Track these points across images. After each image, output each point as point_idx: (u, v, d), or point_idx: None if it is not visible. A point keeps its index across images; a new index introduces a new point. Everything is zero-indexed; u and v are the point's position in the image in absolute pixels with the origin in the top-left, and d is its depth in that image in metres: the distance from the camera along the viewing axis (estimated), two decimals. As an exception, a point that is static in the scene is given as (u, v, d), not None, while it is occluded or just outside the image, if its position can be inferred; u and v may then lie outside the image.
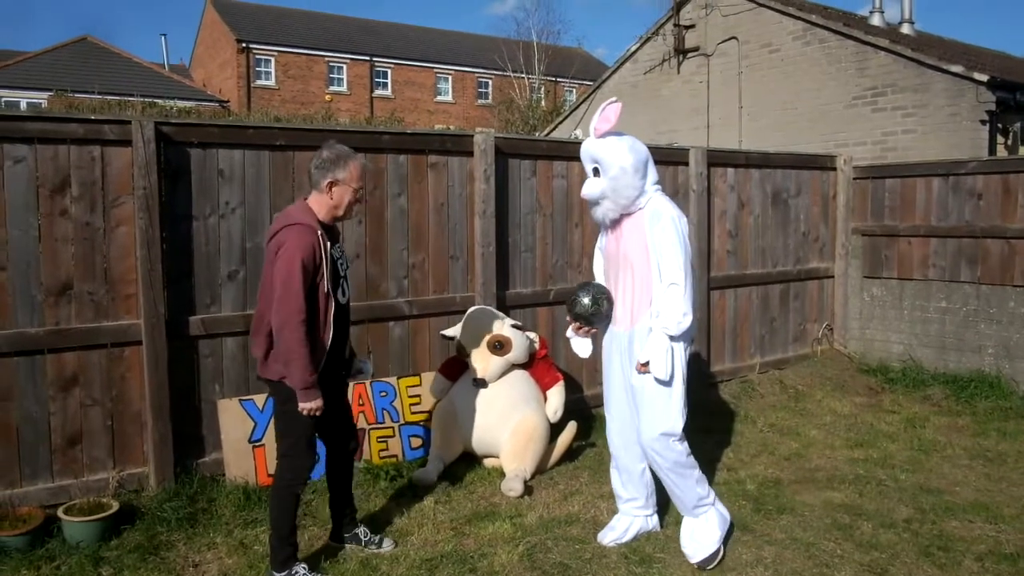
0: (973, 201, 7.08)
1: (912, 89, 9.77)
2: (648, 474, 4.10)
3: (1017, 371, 6.80)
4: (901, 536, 4.16)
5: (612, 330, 4.03)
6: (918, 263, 7.46)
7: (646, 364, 3.72)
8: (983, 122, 9.14)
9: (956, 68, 9.37)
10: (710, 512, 3.95)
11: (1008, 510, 4.50)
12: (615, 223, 3.92)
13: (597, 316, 3.96)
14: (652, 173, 3.89)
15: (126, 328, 4.42)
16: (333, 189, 3.51)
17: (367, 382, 5.11)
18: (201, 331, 4.63)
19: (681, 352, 3.80)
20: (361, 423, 5.03)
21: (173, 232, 4.53)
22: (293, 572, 3.56)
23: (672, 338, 3.71)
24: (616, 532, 4.10)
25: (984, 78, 9.08)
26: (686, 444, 3.90)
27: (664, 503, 4.21)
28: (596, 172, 3.84)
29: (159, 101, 21.56)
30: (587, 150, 3.87)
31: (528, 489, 4.71)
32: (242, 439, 4.65)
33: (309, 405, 3.42)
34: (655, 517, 4.21)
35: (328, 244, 3.49)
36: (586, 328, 4.05)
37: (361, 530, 3.99)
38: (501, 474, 4.84)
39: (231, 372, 4.76)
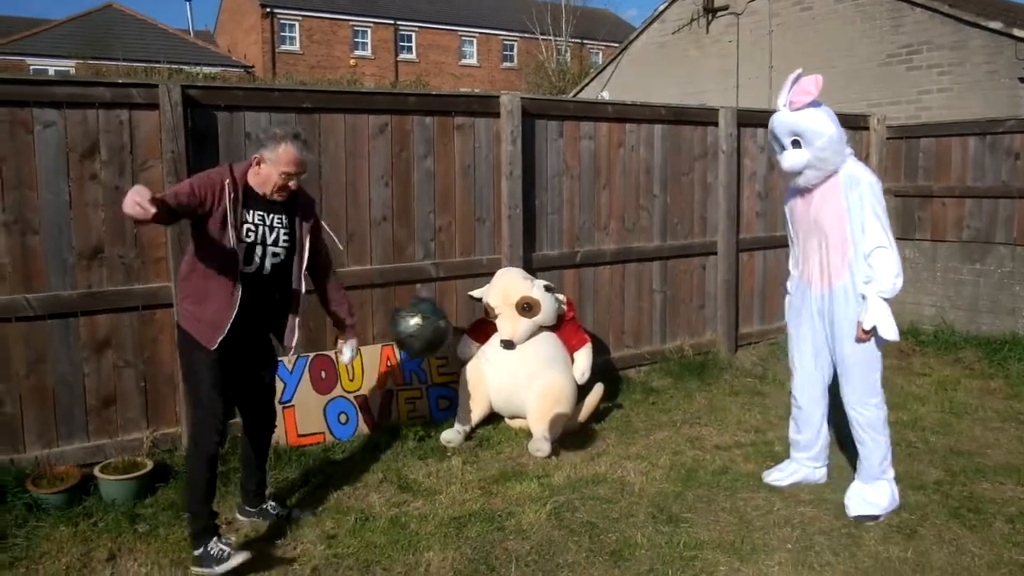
0: (1010, 161, 6.92)
1: (948, 46, 9.51)
2: (826, 428, 4.26)
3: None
4: (931, 498, 4.14)
5: (806, 290, 4.07)
6: (952, 224, 7.33)
7: (870, 331, 3.73)
8: (1022, 80, 8.89)
9: (995, 24, 9.10)
10: (885, 485, 3.98)
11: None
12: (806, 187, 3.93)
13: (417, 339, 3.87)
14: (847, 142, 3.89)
15: (156, 291, 4.47)
16: (260, 165, 3.44)
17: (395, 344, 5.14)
18: (231, 293, 4.67)
19: None
20: (389, 385, 5.08)
21: (201, 195, 4.55)
22: (208, 548, 3.34)
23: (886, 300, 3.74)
24: (781, 473, 4.33)
25: (1023, 34, 8.82)
26: (885, 407, 3.98)
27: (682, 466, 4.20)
28: (796, 144, 3.81)
29: (185, 67, 21.60)
30: (785, 123, 3.83)
31: (555, 450, 4.74)
32: (272, 400, 4.70)
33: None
34: (823, 470, 4.33)
35: (237, 198, 3.38)
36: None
37: (269, 504, 3.91)
38: (528, 435, 4.87)
39: (261, 334, 4.80)
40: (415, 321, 3.91)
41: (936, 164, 7.45)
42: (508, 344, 4.91)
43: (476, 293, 5.16)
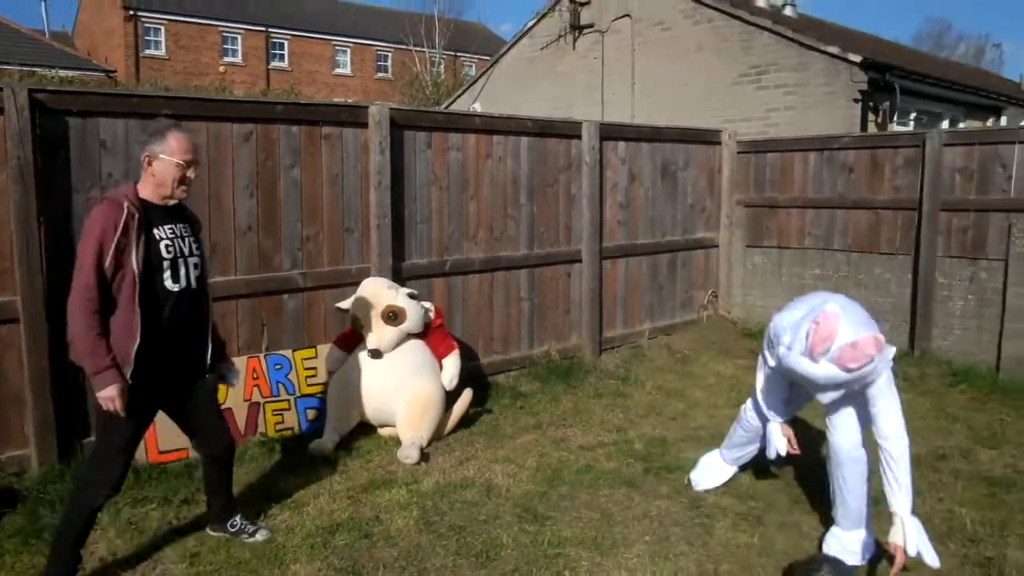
0: (845, 174, 7.52)
1: (792, 68, 10.21)
2: None
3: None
4: (776, 487, 4.45)
5: None
6: (796, 233, 7.88)
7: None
8: (856, 100, 9.66)
9: (832, 49, 9.85)
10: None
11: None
12: None
13: None
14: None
15: (2, 305, 4.24)
16: (153, 164, 3.22)
17: (261, 356, 5.08)
18: (84, 307, 4.48)
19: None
20: (256, 397, 5.00)
21: (52, 205, 4.36)
22: None
23: None
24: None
25: (858, 59, 9.59)
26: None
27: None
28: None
29: (38, 70, 20.33)
30: (838, 380, 3.36)
31: (424, 456, 4.80)
32: (131, 416, 4.55)
33: (103, 394, 3.06)
34: None
35: (142, 222, 3.15)
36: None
37: (234, 519, 3.79)
38: (398, 443, 4.90)
39: (118, 348, 4.63)
40: None
41: (781, 177, 7.99)
42: (375, 353, 4.94)
43: (342, 304, 5.16)
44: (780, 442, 4.01)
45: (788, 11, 13.19)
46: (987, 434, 5.32)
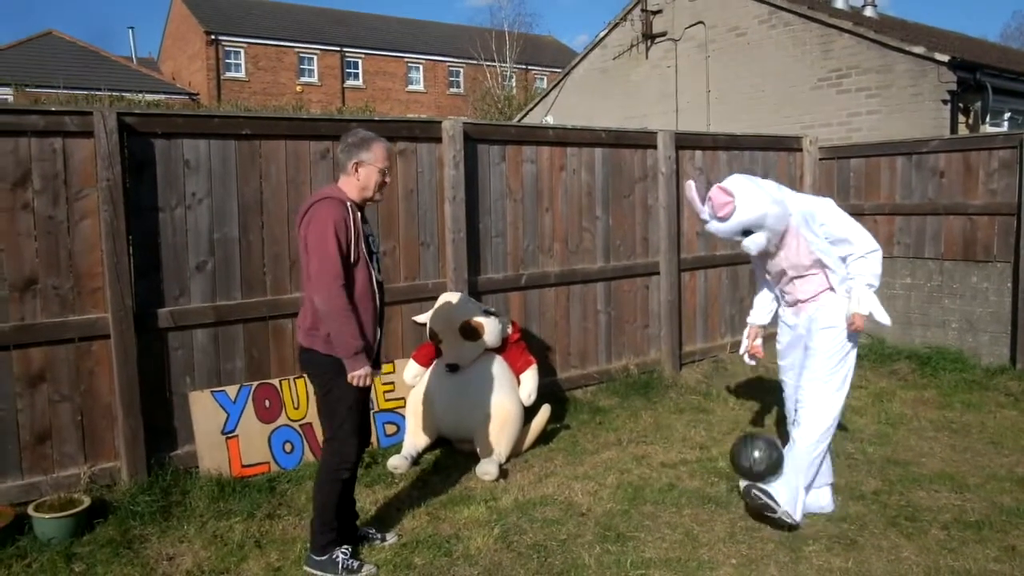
0: (936, 179, 7.20)
1: (875, 70, 9.86)
2: None
3: (980, 344, 6.94)
4: (869, 507, 4.24)
5: (790, 321, 4.33)
6: (883, 241, 7.52)
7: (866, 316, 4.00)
8: (944, 102, 9.25)
9: (918, 49, 9.47)
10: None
11: (972, 479, 4.60)
12: None
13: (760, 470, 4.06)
14: (777, 187, 4.05)
15: (93, 322, 4.37)
16: (359, 170, 3.56)
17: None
18: (170, 323, 4.60)
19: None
20: (335, 412, 5.03)
21: (139, 224, 4.49)
22: (334, 556, 3.59)
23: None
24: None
25: (945, 58, 9.19)
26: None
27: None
28: (747, 233, 3.97)
29: (127, 95, 21.24)
30: (727, 230, 4.00)
31: (503, 472, 4.74)
32: (215, 431, 4.63)
33: (358, 372, 3.44)
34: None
35: (360, 218, 3.53)
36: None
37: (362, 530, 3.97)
38: (476, 458, 4.87)
39: (202, 364, 4.73)
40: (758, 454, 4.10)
41: (866, 183, 7.70)
42: (453, 368, 4.92)
43: (420, 318, 5.16)
44: (745, 342, 4.64)
45: (869, 11, 12.79)
46: (1101, 454, 4.99)
